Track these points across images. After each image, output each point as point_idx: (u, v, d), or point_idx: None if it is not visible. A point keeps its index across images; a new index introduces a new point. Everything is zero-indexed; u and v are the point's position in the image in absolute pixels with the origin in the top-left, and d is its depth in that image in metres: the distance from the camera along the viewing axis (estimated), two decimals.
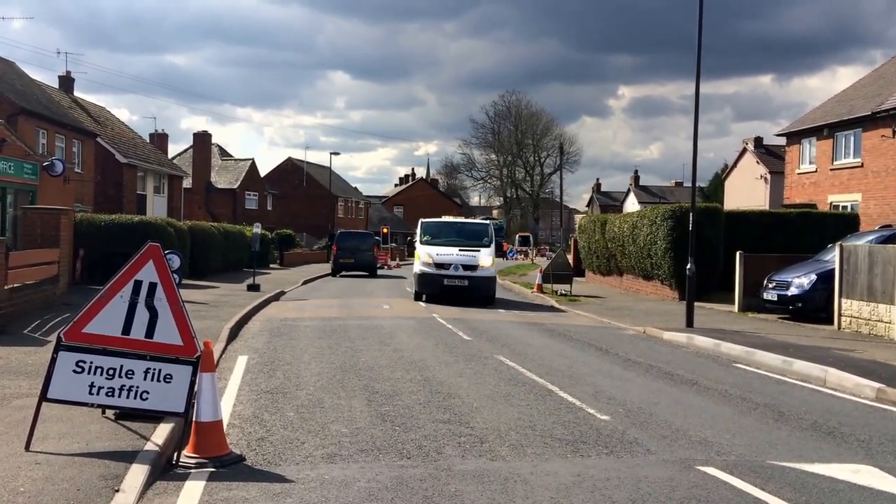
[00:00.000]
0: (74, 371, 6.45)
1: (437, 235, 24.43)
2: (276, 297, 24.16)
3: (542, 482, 6.16)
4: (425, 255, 23.15)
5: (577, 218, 59.14)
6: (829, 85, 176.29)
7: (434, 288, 22.91)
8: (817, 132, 32.22)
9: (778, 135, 37.20)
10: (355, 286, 31.85)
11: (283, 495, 5.70)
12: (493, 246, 23.93)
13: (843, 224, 25.14)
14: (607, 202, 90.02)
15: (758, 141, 51.90)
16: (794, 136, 34.10)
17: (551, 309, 23.49)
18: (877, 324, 16.42)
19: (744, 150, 51.75)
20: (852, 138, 30.35)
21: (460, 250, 23.02)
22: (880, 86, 30.66)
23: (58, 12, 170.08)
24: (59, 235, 18.87)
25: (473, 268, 22.66)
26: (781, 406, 9.66)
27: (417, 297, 23.65)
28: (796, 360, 12.37)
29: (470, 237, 24.63)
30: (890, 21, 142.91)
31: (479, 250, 23.28)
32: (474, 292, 22.66)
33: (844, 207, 29.94)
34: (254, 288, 24.80)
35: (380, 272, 44.07)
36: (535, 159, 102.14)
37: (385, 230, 65.92)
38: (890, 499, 6.08)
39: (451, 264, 22.59)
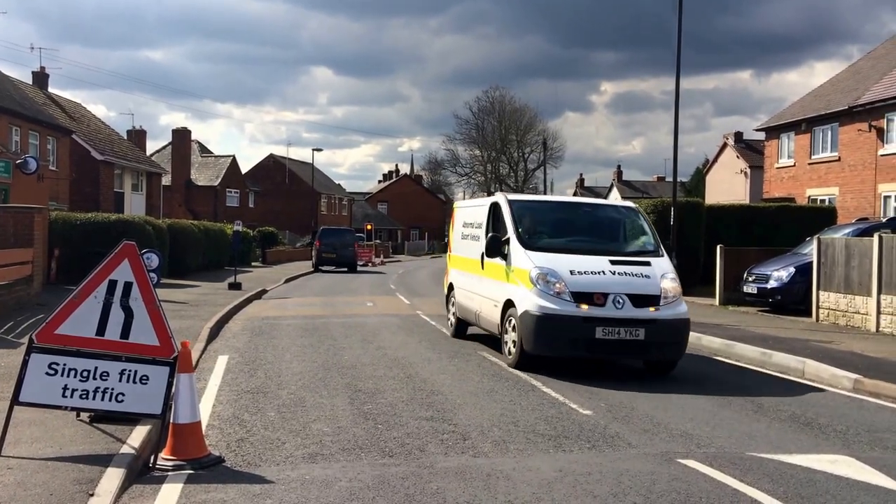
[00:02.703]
0: (47, 373, 6.34)
1: (545, 230, 12.48)
2: (258, 296, 24.02)
3: (525, 478, 6.14)
4: (537, 272, 11.05)
5: None
6: (807, 80, 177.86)
7: (569, 345, 10.75)
8: (795, 127, 32.43)
9: (757, 129, 37.45)
10: (339, 283, 31.75)
11: (263, 496, 5.64)
12: (665, 254, 12.24)
13: (821, 217, 25.33)
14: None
15: (738, 136, 52.24)
16: (773, 131, 34.32)
17: None
18: (854, 315, 16.54)
19: (724, 145, 52.08)
20: (829, 133, 30.57)
21: (613, 262, 11.26)
22: (856, 81, 30.90)
23: (31, 6, 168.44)
24: (32, 235, 18.64)
25: (650, 301, 10.87)
26: (760, 398, 9.70)
27: (524, 363, 11.18)
28: (775, 353, 12.43)
29: (610, 235, 12.70)
30: (866, 17, 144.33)
31: (647, 262, 11.53)
32: (655, 351, 10.93)
33: (822, 201, 30.15)
34: (235, 286, 24.64)
35: (364, 269, 44.58)
36: (519, 155, 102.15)
37: (369, 227, 65.92)
38: (866, 488, 6.11)
39: (606, 295, 10.74)
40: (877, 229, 17.24)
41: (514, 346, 11.37)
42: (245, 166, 72.95)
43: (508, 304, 11.59)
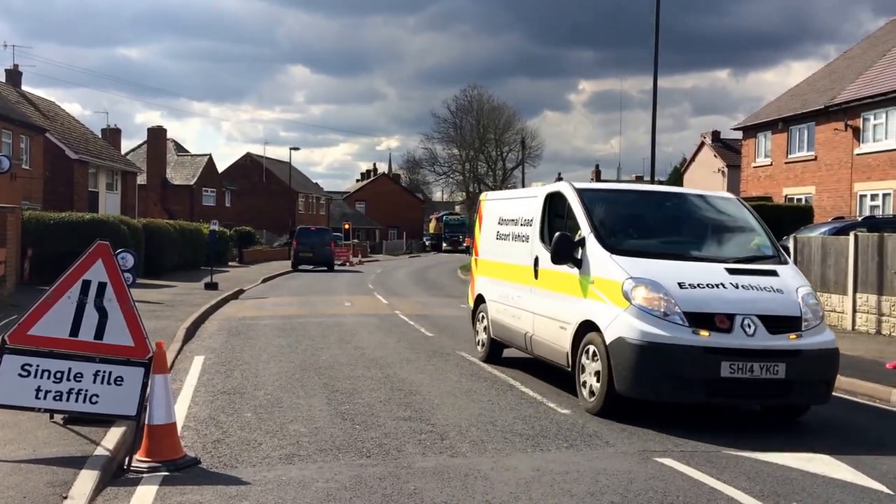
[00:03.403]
0: (20, 375, 6.26)
1: (631, 229, 9.69)
2: (235, 296, 23.88)
3: (502, 477, 6.14)
4: (632, 284, 8.28)
5: None
6: (784, 79, 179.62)
7: (683, 386, 7.90)
8: (772, 126, 32.70)
9: (734, 129, 37.73)
10: (316, 283, 31.63)
11: (239, 498, 5.60)
12: (790, 261, 9.92)
13: (798, 216, 25.55)
14: None
15: (715, 135, 52.66)
16: (750, 130, 34.58)
17: None
18: (829, 314, 16.70)
19: (702, 144, 52.49)
20: (806, 132, 30.84)
21: (730, 271, 8.54)
22: (833, 80, 31.20)
23: (4, 3, 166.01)
24: (5, 234, 18.41)
25: (789, 324, 8.17)
26: None
27: (613, 408, 8.38)
28: None
29: (712, 235, 9.79)
30: (843, 16, 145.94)
31: (773, 271, 8.81)
32: (797, 394, 8.12)
33: (799, 200, 30.43)
34: (211, 286, 24.47)
35: (341, 269, 44.74)
36: (497, 154, 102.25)
37: (347, 226, 65.72)
38: (842, 486, 6.16)
39: (731, 316, 7.99)
40: (852, 228, 17.43)
41: (596, 385, 8.39)
42: (222, 165, 72.47)
43: (586, 327, 8.65)
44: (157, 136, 59.42)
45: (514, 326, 10.92)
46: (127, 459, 6.26)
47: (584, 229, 9.12)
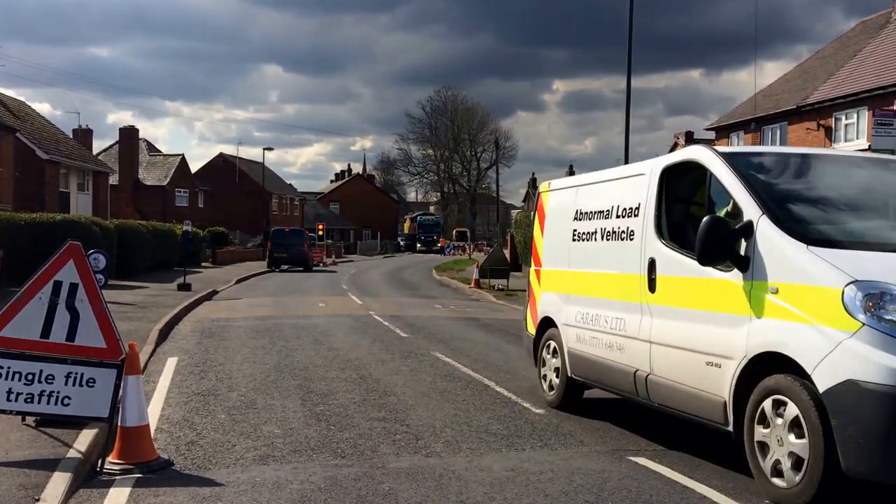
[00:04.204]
0: None
1: (822, 208, 6.32)
2: (209, 297, 23.74)
3: (477, 478, 6.16)
4: (865, 293, 5.16)
5: (514, 213, 59.65)
6: (756, 79, 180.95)
7: None
8: (745, 126, 33.05)
9: (708, 129, 38.03)
10: (290, 284, 31.51)
11: (213, 499, 5.58)
12: None
13: None
14: None
15: (689, 135, 52.94)
16: (723, 130, 34.93)
17: (488, 304, 23.59)
18: None
19: (675, 145, 52.78)
20: (778, 132, 31.22)
21: None
22: (805, 80, 31.59)
23: None
24: None
25: None
26: None
27: (829, 494, 5.21)
28: None
29: None
30: (815, 16, 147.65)
31: None
32: None
33: None
34: (185, 287, 24.31)
35: (316, 269, 44.66)
36: (471, 154, 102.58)
37: (321, 227, 65.54)
38: None
39: None
40: None
41: (787, 463, 5.50)
42: (195, 166, 72.02)
43: (765, 364, 5.80)
44: (128, 136, 58.94)
45: (611, 361, 7.87)
46: (100, 462, 6.21)
47: (749, 210, 6.11)
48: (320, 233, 64.55)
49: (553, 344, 9.18)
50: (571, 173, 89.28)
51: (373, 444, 7.18)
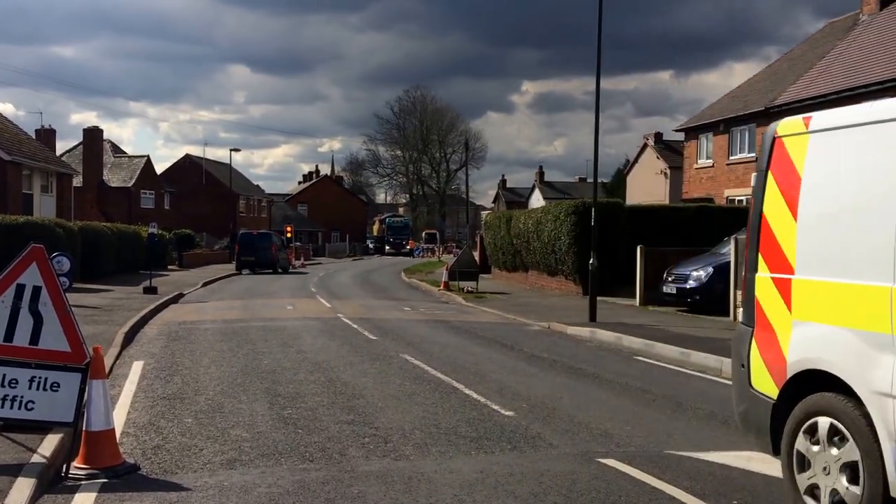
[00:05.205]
0: None
1: None
2: (175, 300, 23.49)
3: (446, 480, 6.15)
4: None
5: (484, 214, 59.76)
6: (725, 81, 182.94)
7: None
8: (714, 127, 33.37)
9: (676, 130, 38.38)
10: (258, 286, 31.28)
11: None
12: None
13: (739, 218, 26.08)
14: (513, 198, 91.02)
15: (658, 136, 53.35)
16: (692, 132, 35.24)
17: (458, 306, 23.59)
18: None
19: (644, 146, 53.17)
20: (747, 133, 31.56)
21: None
22: (773, 81, 31.96)
23: None
24: None
25: None
26: (679, 397, 9.93)
27: None
28: (693, 352, 12.77)
29: None
30: (784, 18, 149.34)
31: None
32: None
33: (740, 201, 31.10)
34: (150, 290, 24.02)
35: (282, 271, 44.09)
36: (441, 155, 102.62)
37: (289, 229, 65.10)
38: (779, 484, 6.31)
39: None
40: None
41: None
42: (160, 167, 71.23)
43: None
44: (93, 136, 58.11)
45: None
46: (64, 467, 6.12)
47: None
48: (288, 235, 64.12)
49: (828, 423, 4.96)
50: (541, 174, 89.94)
51: (341, 447, 7.14)
